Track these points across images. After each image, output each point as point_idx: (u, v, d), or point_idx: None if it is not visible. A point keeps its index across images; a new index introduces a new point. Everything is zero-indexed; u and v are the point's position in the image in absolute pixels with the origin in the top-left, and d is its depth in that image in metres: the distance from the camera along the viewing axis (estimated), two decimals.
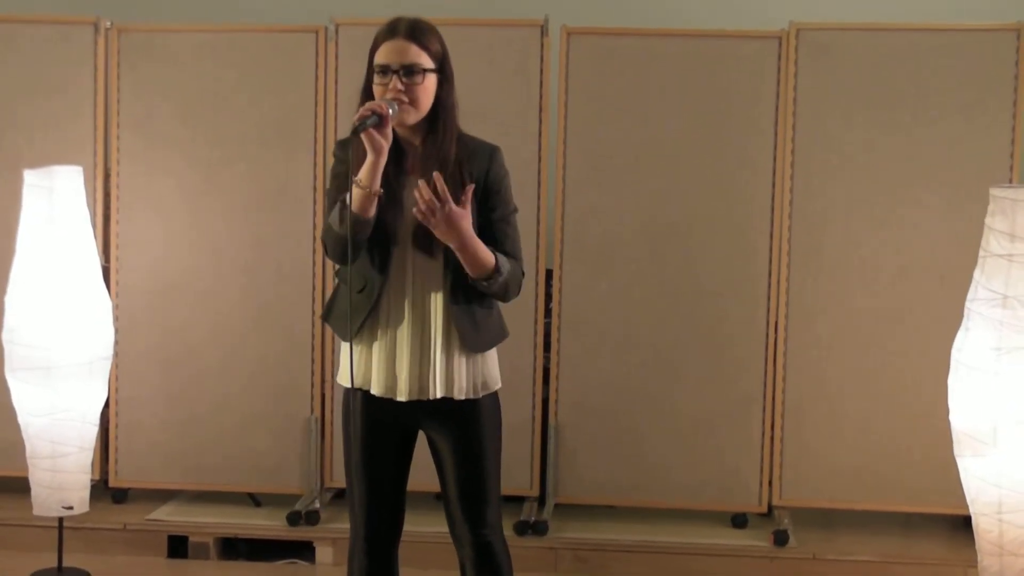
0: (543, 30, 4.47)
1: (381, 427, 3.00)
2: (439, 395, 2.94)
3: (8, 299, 3.97)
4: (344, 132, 4.43)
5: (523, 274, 3.05)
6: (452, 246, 2.86)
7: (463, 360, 2.96)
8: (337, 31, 4.52)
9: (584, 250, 4.52)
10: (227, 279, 4.60)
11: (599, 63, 4.48)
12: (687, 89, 4.46)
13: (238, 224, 4.59)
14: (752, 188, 4.46)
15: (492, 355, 3.05)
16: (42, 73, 4.60)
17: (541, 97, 4.48)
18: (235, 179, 4.58)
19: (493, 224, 2.98)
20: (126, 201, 4.62)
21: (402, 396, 2.95)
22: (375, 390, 2.97)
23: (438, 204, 2.78)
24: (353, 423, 3.00)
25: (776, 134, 4.44)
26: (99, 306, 4.02)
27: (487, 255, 2.90)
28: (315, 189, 4.55)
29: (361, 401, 2.99)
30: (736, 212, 4.47)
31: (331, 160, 4.47)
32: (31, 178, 3.95)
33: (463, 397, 2.97)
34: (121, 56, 4.58)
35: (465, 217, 2.83)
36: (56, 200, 3.92)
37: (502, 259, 2.93)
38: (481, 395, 3.00)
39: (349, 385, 2.99)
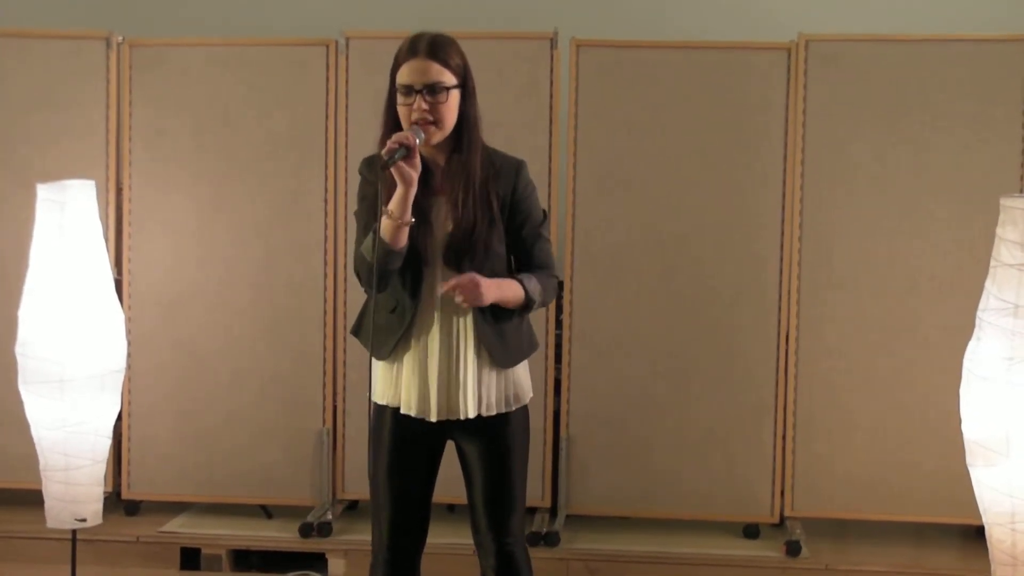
0: (553, 43, 4.48)
1: (410, 444, 3.02)
2: (470, 415, 2.97)
3: (21, 313, 3.97)
4: (355, 146, 4.48)
5: (558, 280, 3.08)
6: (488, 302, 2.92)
7: (493, 376, 2.99)
8: (348, 44, 4.54)
9: (594, 262, 4.53)
10: (239, 292, 4.61)
11: (609, 75, 4.49)
12: (696, 101, 4.47)
13: (249, 237, 4.60)
14: (762, 199, 4.46)
15: (523, 366, 3.07)
16: (54, 87, 4.62)
17: (551, 109, 4.48)
18: (246, 192, 4.60)
19: (523, 239, 3.01)
20: (138, 214, 4.64)
21: (434, 416, 2.97)
22: (407, 410, 2.98)
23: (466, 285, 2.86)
24: (381, 439, 3.01)
25: (786, 145, 4.44)
26: (111, 319, 4.02)
27: (516, 293, 2.95)
28: (326, 202, 4.56)
29: (391, 418, 3.01)
30: (746, 223, 4.48)
31: (341, 173, 4.55)
32: (44, 192, 3.95)
33: (494, 413, 2.99)
34: (133, 70, 4.60)
35: (483, 283, 2.87)
36: (68, 214, 3.92)
37: (531, 284, 2.97)
38: (513, 408, 3.03)
39: (379, 401, 3.00)
